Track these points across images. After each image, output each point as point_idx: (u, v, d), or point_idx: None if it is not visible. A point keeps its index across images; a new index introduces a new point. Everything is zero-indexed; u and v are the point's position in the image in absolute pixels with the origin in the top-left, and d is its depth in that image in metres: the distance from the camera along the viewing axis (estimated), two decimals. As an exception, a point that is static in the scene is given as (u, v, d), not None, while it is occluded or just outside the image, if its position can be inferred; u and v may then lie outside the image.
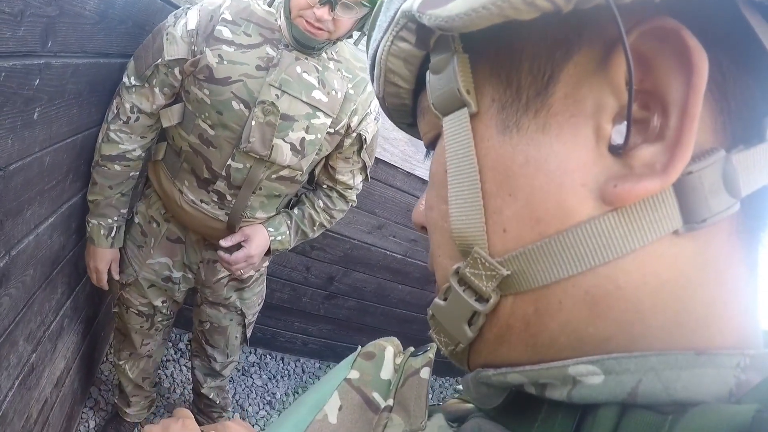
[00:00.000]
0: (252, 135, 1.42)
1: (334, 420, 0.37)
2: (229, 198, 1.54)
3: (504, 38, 0.33)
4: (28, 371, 1.31)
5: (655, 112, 0.29)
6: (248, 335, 2.02)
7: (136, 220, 1.70)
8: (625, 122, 0.28)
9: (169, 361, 2.74)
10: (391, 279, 3.10)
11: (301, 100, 1.45)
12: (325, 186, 1.77)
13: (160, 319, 1.86)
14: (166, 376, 2.64)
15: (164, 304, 1.82)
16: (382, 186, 2.67)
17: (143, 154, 1.56)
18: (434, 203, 0.38)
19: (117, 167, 1.50)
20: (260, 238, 1.65)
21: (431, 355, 0.45)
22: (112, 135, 1.46)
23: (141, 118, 1.47)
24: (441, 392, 3.71)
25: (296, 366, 3.22)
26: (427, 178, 2.52)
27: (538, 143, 0.31)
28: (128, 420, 2.16)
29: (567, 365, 0.30)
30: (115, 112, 1.44)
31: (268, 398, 2.92)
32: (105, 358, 2.49)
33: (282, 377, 3.09)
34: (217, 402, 2.25)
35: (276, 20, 1.43)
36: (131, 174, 1.56)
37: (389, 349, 0.46)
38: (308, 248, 2.74)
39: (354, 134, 1.61)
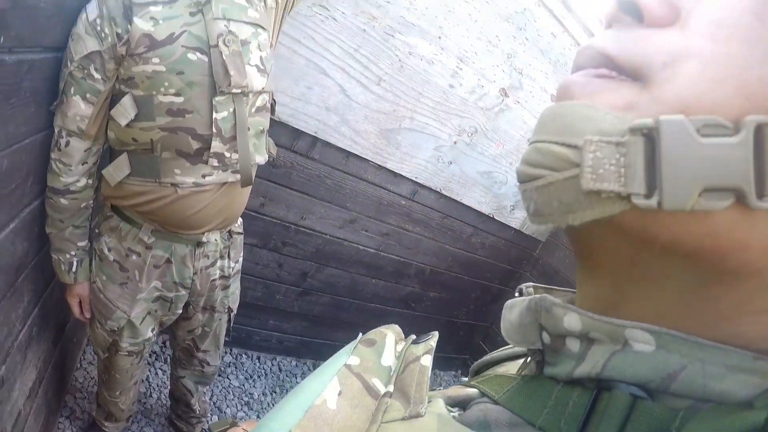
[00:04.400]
0: (230, 69, 1.35)
1: (333, 405, 0.36)
2: (227, 155, 1.46)
3: None
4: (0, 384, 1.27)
5: None
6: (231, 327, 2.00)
7: (111, 257, 1.58)
8: None
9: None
10: (365, 274, 3.11)
11: (245, 22, 1.41)
12: None
13: (147, 349, 1.82)
14: (142, 381, 2.59)
15: (153, 332, 1.76)
16: (354, 180, 2.67)
17: (90, 182, 1.46)
18: (717, 48, 0.28)
19: (63, 201, 1.42)
20: None
21: (433, 342, 0.45)
22: (53, 165, 1.37)
23: (71, 141, 1.35)
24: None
25: (273, 365, 3.19)
26: (398, 172, 2.52)
27: None
28: (106, 430, 2.12)
29: (625, 326, 0.30)
30: (54, 140, 1.35)
31: (246, 399, 2.88)
32: (79, 365, 2.44)
33: (259, 377, 3.06)
34: (197, 411, 2.22)
35: None
36: (81, 206, 1.47)
37: (390, 336, 0.46)
38: (280, 244, 2.72)
39: None
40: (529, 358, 0.41)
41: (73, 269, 1.53)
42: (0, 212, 1.12)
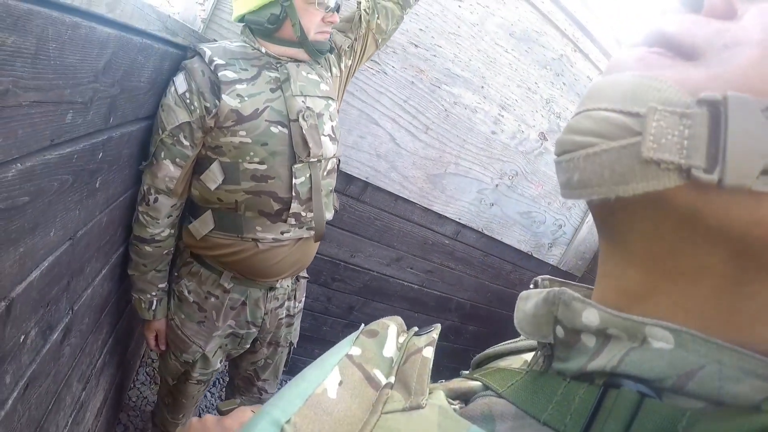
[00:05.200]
0: (308, 141, 1.48)
1: (333, 395, 0.35)
2: (303, 214, 1.57)
3: None
4: (79, 408, 1.38)
5: None
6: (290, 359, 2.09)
7: (191, 299, 1.68)
8: None
9: (195, 388, 2.82)
10: (408, 308, 3.17)
11: (318, 97, 1.55)
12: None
13: (213, 377, 1.90)
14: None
15: (221, 363, 1.85)
16: (401, 221, 2.76)
17: (172, 232, 1.58)
18: None
19: (148, 248, 1.53)
20: None
21: (435, 335, 0.45)
22: (140, 217, 1.49)
23: (159, 198, 1.47)
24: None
25: (316, 392, 3.27)
26: (443, 213, 2.60)
27: None
28: None
29: (646, 323, 0.30)
30: (141, 194, 1.47)
31: (290, 423, 2.97)
32: (132, 385, 2.57)
33: (303, 402, 3.14)
34: None
35: (253, 48, 1.52)
36: (164, 252, 1.58)
37: (392, 327, 0.46)
38: (330, 280, 2.83)
39: (344, 51, 1.74)
40: (538, 353, 0.40)
41: (153, 307, 1.64)
42: (97, 261, 1.25)
